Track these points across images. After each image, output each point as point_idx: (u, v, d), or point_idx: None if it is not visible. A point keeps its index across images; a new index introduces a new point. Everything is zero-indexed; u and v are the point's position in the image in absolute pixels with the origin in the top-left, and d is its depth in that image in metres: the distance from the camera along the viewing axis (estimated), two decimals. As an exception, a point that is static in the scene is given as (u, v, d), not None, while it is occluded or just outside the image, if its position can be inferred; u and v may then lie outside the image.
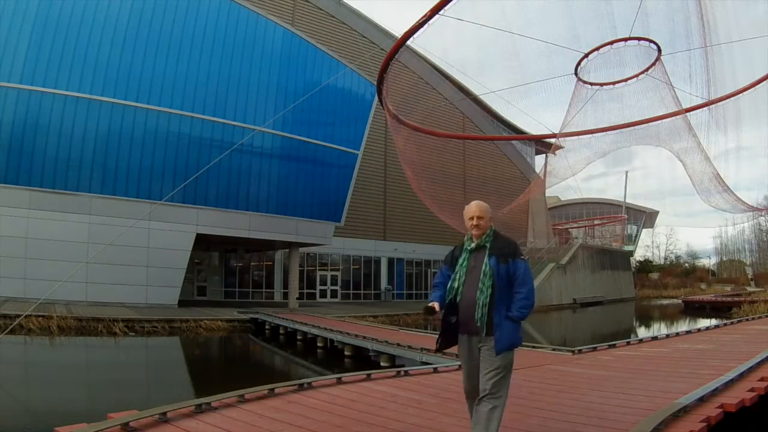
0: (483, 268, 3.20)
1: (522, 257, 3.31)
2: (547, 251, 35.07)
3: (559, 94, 17.71)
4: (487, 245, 3.30)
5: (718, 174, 18.41)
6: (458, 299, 3.23)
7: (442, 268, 3.46)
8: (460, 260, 3.32)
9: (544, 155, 29.68)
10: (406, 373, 6.11)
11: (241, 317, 17.24)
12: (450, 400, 4.70)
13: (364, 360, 10.49)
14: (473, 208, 3.37)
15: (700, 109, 16.42)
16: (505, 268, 3.18)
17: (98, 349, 13.08)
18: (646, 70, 16.33)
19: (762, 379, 5.12)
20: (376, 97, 19.74)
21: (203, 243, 22.98)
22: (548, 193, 42.53)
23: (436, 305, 3.27)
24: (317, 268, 30.10)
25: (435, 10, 12.14)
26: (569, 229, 50.83)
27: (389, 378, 5.91)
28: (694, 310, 32.13)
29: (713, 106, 15.94)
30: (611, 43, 15.68)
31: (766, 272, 55.22)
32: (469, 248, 3.34)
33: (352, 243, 29.74)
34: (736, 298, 31.97)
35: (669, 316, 30.13)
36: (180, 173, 18.31)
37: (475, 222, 3.33)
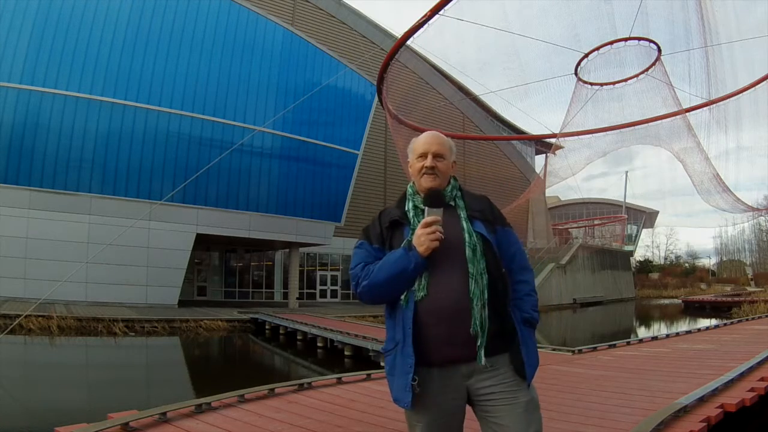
0: (467, 238, 1.77)
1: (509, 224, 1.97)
2: (547, 251, 35.08)
3: (559, 94, 17.77)
4: (457, 202, 1.88)
5: (718, 174, 18.43)
6: (420, 297, 1.75)
7: (362, 246, 1.89)
8: (410, 230, 1.81)
9: (544, 155, 29.70)
10: (406, 373, 6.08)
11: (241, 317, 17.23)
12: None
13: (364, 360, 10.48)
14: (427, 138, 1.93)
15: (700, 109, 16.44)
16: (494, 240, 1.84)
17: (98, 349, 13.08)
18: (646, 70, 16.34)
19: (762, 379, 5.12)
20: (376, 97, 19.76)
21: (203, 243, 22.99)
22: (548, 193, 42.55)
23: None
24: (317, 268, 30.11)
25: (435, 10, 12.15)
26: (569, 229, 50.85)
27: (389, 378, 5.90)
28: (694, 310, 32.12)
29: (713, 106, 15.96)
30: (611, 43, 15.70)
31: (766, 272, 55.22)
32: (423, 206, 1.82)
33: (352, 243, 29.24)
34: (736, 298, 31.96)
35: (669, 316, 30.12)
36: (180, 173, 18.32)
37: (429, 161, 1.87)
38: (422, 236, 1.72)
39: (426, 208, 1.78)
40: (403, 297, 1.78)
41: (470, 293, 1.73)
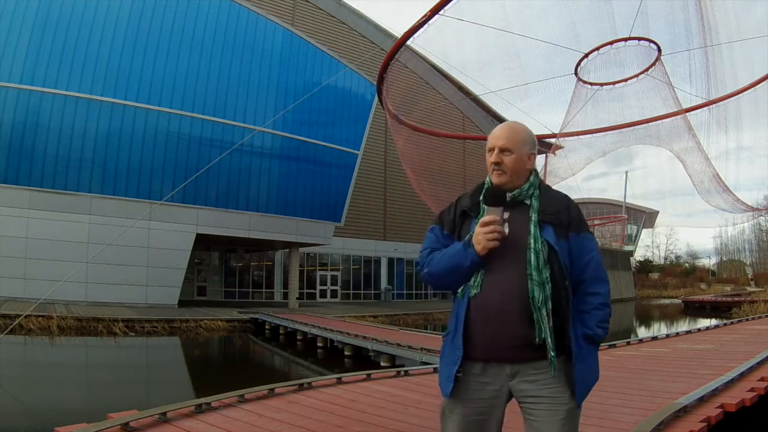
0: (531, 243, 1.72)
1: (591, 230, 1.89)
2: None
3: (559, 94, 17.77)
4: (532, 202, 1.80)
5: (718, 174, 18.42)
6: (474, 294, 1.74)
7: (434, 230, 1.90)
8: (476, 223, 1.76)
9: (544, 155, 29.67)
10: (406, 373, 6.11)
11: (241, 317, 17.24)
12: (450, 400, 4.67)
13: (364, 360, 10.49)
14: (497, 131, 1.85)
15: (700, 109, 16.44)
16: (566, 248, 1.75)
17: (98, 349, 13.08)
18: (646, 70, 16.35)
19: (762, 379, 5.12)
20: (376, 97, 19.75)
21: (203, 243, 22.98)
22: (548, 193, 42.44)
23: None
24: (317, 268, 30.11)
25: (435, 10, 12.15)
26: (569, 229, 50.76)
27: (389, 378, 5.91)
28: (694, 310, 32.14)
29: (713, 106, 15.96)
30: (611, 42, 15.70)
31: (766, 272, 55.22)
32: (483, 204, 1.80)
33: (352, 243, 29.73)
34: (736, 298, 31.97)
35: (669, 316, 30.13)
36: (180, 173, 18.32)
37: (494, 157, 1.80)
38: (479, 235, 1.69)
39: (485, 206, 1.75)
40: (459, 290, 1.79)
41: (534, 300, 1.69)
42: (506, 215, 1.76)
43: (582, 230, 1.81)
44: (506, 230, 1.71)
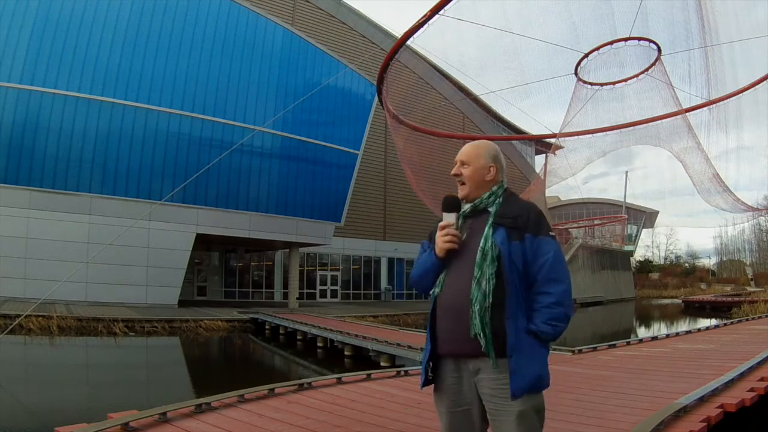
0: (482, 245, 1.85)
1: (551, 233, 1.94)
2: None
3: (560, 94, 17.76)
4: (491, 209, 1.94)
5: (718, 174, 18.42)
6: (436, 293, 1.93)
7: (423, 245, 2.08)
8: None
9: (544, 155, 29.69)
10: (406, 373, 6.11)
11: (241, 317, 17.24)
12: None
13: (364, 360, 10.50)
14: (462, 149, 2.08)
15: (700, 109, 16.44)
16: (519, 249, 1.84)
17: (98, 349, 13.08)
18: (646, 70, 16.34)
19: (762, 379, 5.11)
20: (376, 97, 19.75)
21: (203, 243, 22.98)
22: (548, 193, 42.53)
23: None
24: (317, 268, 30.11)
25: (435, 10, 12.14)
26: (569, 229, 50.82)
27: (389, 378, 5.91)
28: (694, 309, 32.16)
29: (713, 106, 15.95)
30: (611, 42, 15.69)
31: (766, 272, 55.19)
32: (462, 212, 1.97)
33: (352, 243, 29.74)
34: (736, 298, 31.99)
35: (669, 316, 30.13)
36: (180, 173, 18.32)
37: (454, 170, 2.04)
38: (438, 239, 1.91)
39: (443, 213, 1.95)
40: (431, 291, 1.99)
41: (471, 296, 1.82)
42: (468, 222, 1.96)
43: (540, 233, 1.88)
44: (463, 236, 1.91)
